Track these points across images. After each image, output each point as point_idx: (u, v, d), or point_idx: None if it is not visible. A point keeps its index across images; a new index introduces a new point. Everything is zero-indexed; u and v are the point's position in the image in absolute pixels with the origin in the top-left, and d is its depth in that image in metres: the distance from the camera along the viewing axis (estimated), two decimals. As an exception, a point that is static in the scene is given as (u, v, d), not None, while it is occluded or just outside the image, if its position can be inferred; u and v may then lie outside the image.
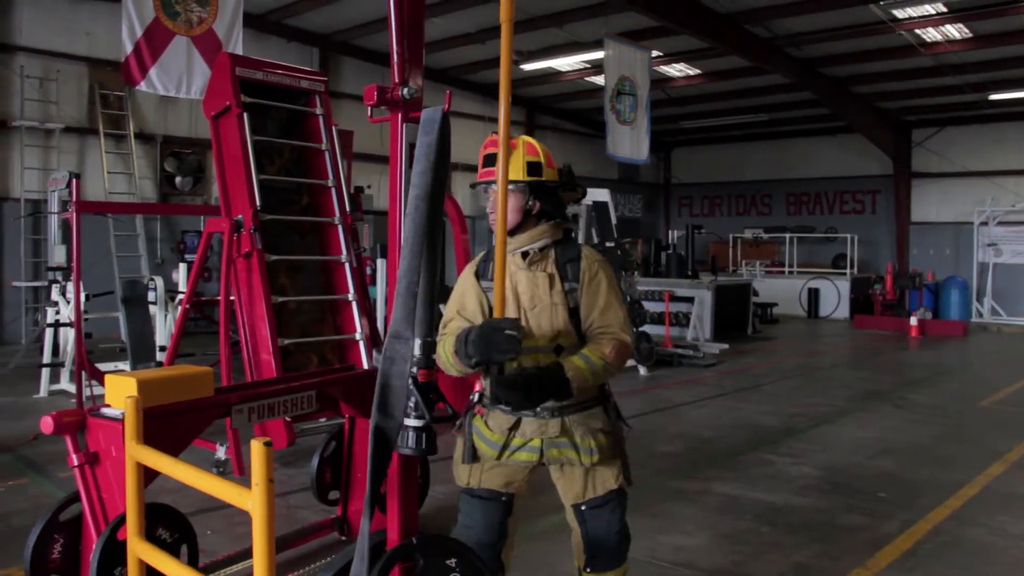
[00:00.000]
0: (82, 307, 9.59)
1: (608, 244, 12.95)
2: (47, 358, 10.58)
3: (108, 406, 3.91)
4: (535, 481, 3.48)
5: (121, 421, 3.71)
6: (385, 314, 9.08)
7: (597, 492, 3.37)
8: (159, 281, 10.93)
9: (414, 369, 2.45)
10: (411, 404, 2.44)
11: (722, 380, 12.22)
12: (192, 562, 4.04)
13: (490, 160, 3.07)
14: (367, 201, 17.82)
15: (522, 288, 3.11)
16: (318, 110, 8.31)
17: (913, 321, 18.67)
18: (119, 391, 3.86)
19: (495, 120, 17.69)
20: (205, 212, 15.63)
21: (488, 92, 23.33)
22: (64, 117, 16.00)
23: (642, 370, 12.50)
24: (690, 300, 16.01)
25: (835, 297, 21.95)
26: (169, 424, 3.83)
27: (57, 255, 12.37)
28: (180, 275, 11.76)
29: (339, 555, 2.76)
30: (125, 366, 10.46)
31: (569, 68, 20.52)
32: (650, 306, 15.17)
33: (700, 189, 30.05)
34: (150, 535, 3.63)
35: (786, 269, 24.17)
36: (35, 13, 15.67)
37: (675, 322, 15.63)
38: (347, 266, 8.29)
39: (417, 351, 2.44)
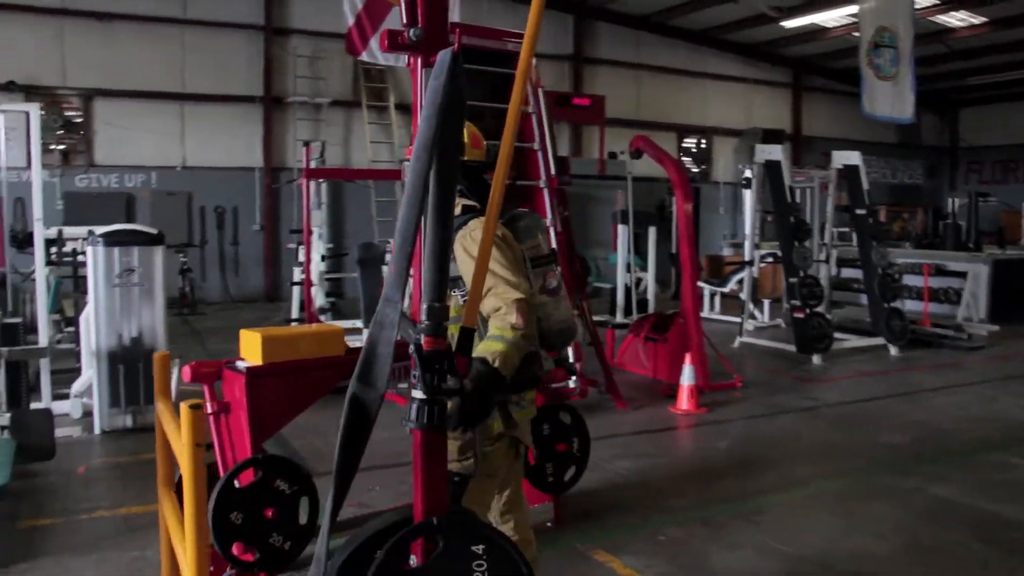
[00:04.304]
0: (322, 267, 10.24)
1: (858, 211, 11.82)
2: (295, 313, 11.43)
3: (243, 359, 4.03)
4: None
5: (243, 374, 3.83)
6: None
7: None
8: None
9: (420, 337, 2.25)
10: (414, 375, 2.25)
11: (986, 366, 10.82)
12: (312, 515, 4.10)
13: None
14: (620, 166, 17.34)
15: None
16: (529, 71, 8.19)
17: None
18: (249, 346, 3.97)
19: (757, 82, 16.89)
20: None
21: (748, 52, 22.18)
22: (331, 91, 17.21)
23: (893, 350, 11.36)
24: (964, 275, 14.31)
25: None
26: (287, 380, 3.88)
27: (315, 218, 13.29)
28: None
29: (362, 529, 2.63)
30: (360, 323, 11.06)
31: (835, 23, 19.03)
32: (916, 281, 13.77)
33: (993, 153, 26.89)
34: (268, 486, 3.73)
35: (1095, 244, 20.95)
36: (307, -2, 16.92)
37: (944, 299, 14.08)
38: (551, 230, 8.16)
39: (424, 316, 2.24)
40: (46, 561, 4.56)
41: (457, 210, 3.16)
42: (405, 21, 2.31)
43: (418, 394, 2.27)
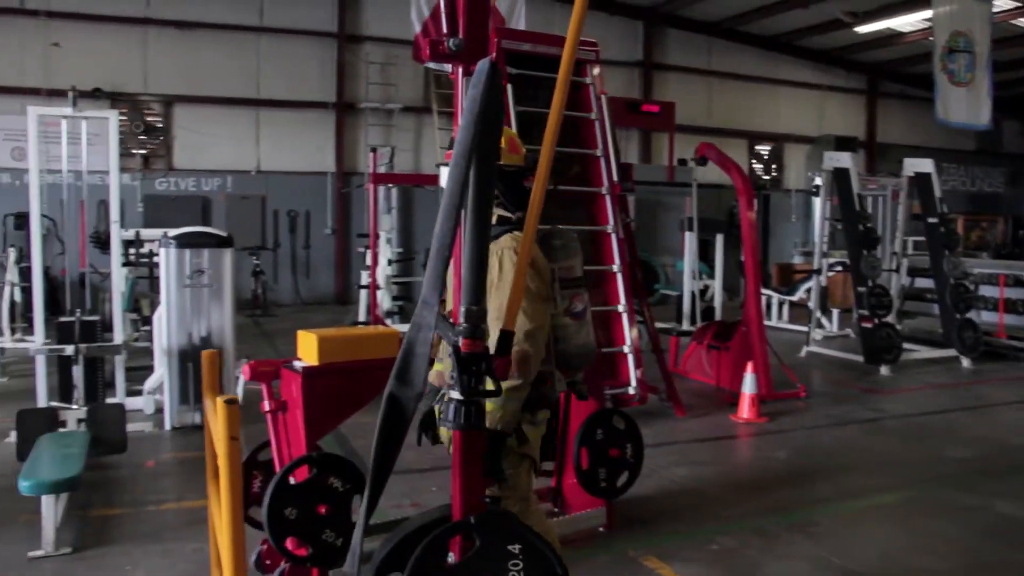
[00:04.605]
0: (389, 271, 10.42)
1: (931, 220, 11.55)
2: (362, 316, 11.63)
3: (300, 359, 4.15)
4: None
5: (300, 373, 3.95)
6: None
7: None
8: (459, 249, 11.54)
9: (458, 339, 2.32)
10: (452, 376, 2.32)
11: (1065, 380, 10.47)
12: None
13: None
14: (690, 173, 17.23)
15: None
16: (588, 79, 8.24)
17: None
18: (306, 346, 4.09)
19: (831, 88, 16.60)
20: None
21: (821, 58, 21.80)
22: (402, 98, 17.48)
23: (965, 362, 11.06)
24: (1044, 287, 13.83)
25: None
26: (342, 380, 3.98)
27: (384, 223, 13.52)
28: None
29: (403, 525, 2.71)
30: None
31: (911, 28, 18.59)
32: (993, 292, 13.37)
33: (1081, 160, 25.87)
34: (322, 483, 3.83)
35: None
36: (380, 5, 17.21)
37: (1022, 311, 13.63)
38: (613, 237, 8.18)
39: (462, 319, 2.31)
40: (114, 549, 4.76)
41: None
42: (446, 31, 2.38)
43: (455, 395, 2.34)
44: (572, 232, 3.42)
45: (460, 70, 2.41)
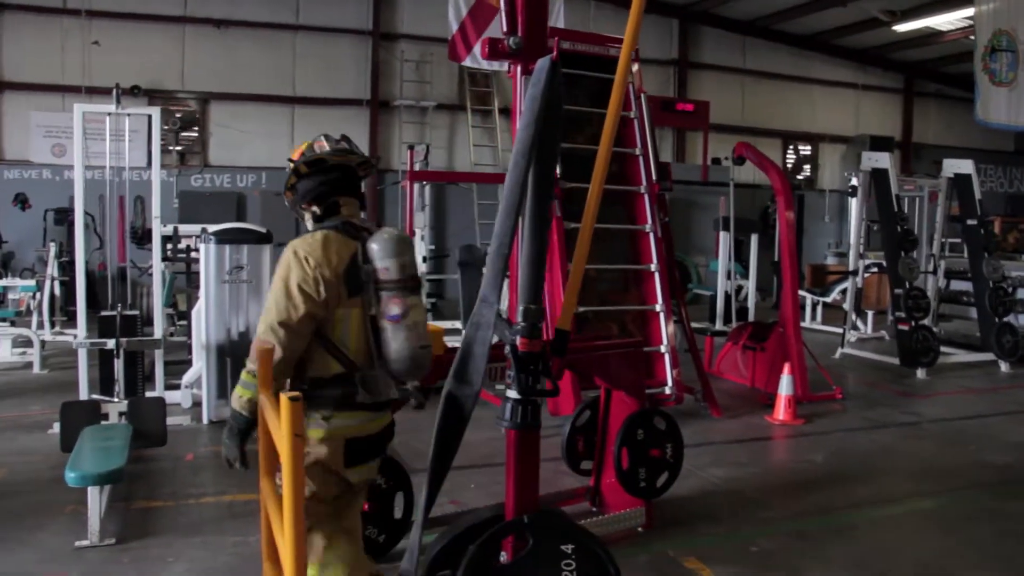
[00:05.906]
0: (423, 268, 10.42)
1: (970, 222, 11.40)
2: (395, 313, 11.65)
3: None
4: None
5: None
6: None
7: None
8: (493, 246, 11.54)
9: (516, 338, 2.32)
10: (509, 375, 2.33)
11: (1109, 385, 10.29)
12: (407, 510, 4.23)
13: None
14: (724, 172, 17.04)
15: None
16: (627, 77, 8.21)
17: None
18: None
19: (868, 88, 16.34)
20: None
21: (858, 57, 21.57)
22: (436, 95, 17.50)
23: (1003, 366, 10.91)
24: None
25: None
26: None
27: (418, 220, 13.54)
28: (516, 242, 12.34)
29: (455, 524, 2.72)
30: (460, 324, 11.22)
31: (950, 27, 18.32)
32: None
33: (1126, 161, 25.37)
34: (366, 480, 3.85)
35: None
36: (415, 3, 17.26)
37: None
38: (651, 236, 8.16)
39: (520, 318, 2.31)
40: (155, 540, 4.81)
41: (309, 217, 3.14)
42: (505, 29, 2.37)
43: (512, 394, 2.34)
44: (401, 233, 2.99)
45: (519, 68, 2.40)
